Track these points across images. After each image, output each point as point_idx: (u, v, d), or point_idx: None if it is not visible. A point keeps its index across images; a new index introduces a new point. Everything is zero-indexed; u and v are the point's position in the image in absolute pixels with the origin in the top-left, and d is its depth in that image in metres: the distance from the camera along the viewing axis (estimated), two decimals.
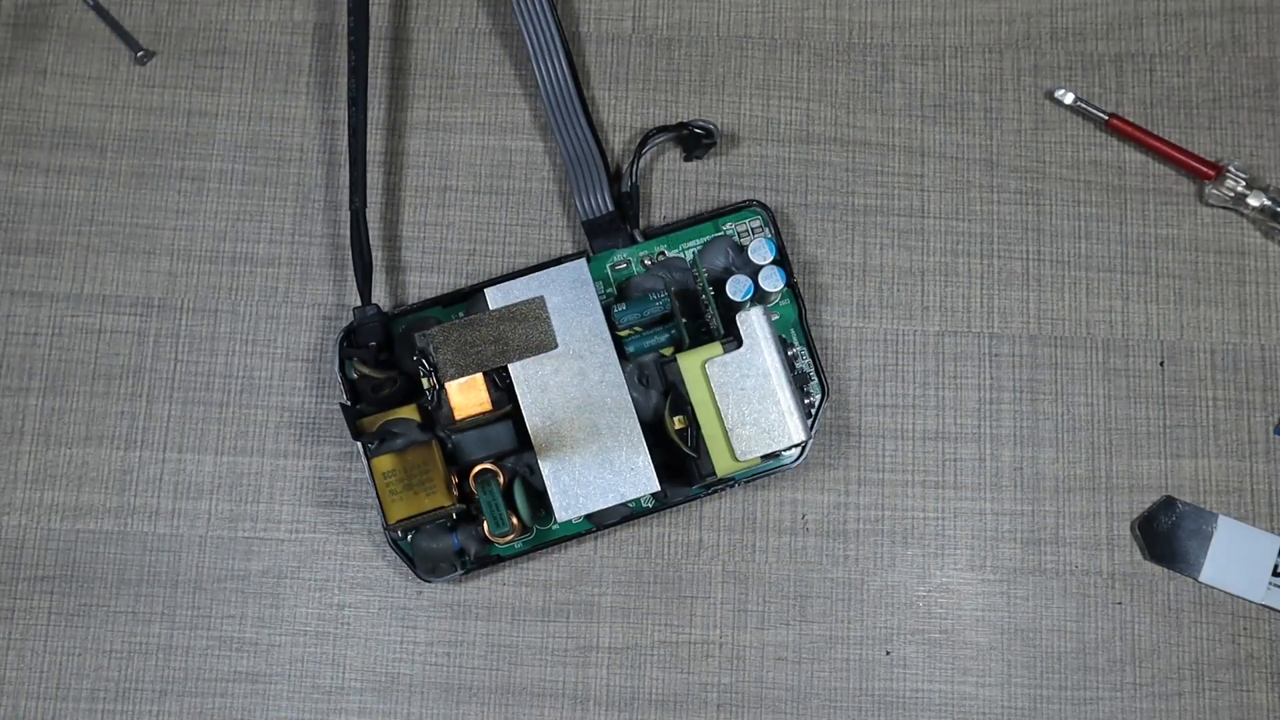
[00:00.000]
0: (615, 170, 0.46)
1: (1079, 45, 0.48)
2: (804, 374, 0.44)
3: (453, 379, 0.41)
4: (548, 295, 0.42)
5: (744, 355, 0.41)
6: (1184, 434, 0.45)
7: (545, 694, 0.43)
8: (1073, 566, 0.44)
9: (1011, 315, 0.46)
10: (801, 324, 0.44)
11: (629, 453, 0.41)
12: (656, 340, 0.42)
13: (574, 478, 0.41)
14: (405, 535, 0.43)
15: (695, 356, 0.41)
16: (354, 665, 0.44)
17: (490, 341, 0.41)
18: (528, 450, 0.42)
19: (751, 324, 0.41)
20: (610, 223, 0.45)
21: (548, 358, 0.41)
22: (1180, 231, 0.46)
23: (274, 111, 0.48)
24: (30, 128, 0.48)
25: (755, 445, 0.40)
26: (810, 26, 0.48)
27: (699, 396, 0.41)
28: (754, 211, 0.45)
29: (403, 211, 0.47)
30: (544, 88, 0.45)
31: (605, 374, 0.41)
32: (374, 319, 0.43)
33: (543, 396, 0.41)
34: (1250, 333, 0.46)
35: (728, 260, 0.44)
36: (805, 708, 0.43)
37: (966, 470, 0.45)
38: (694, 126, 0.45)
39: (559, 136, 0.45)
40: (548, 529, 0.43)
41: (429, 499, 0.41)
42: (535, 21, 0.45)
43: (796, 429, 0.41)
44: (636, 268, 0.45)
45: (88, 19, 0.48)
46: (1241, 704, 0.43)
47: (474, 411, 0.41)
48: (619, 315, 0.42)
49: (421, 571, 0.42)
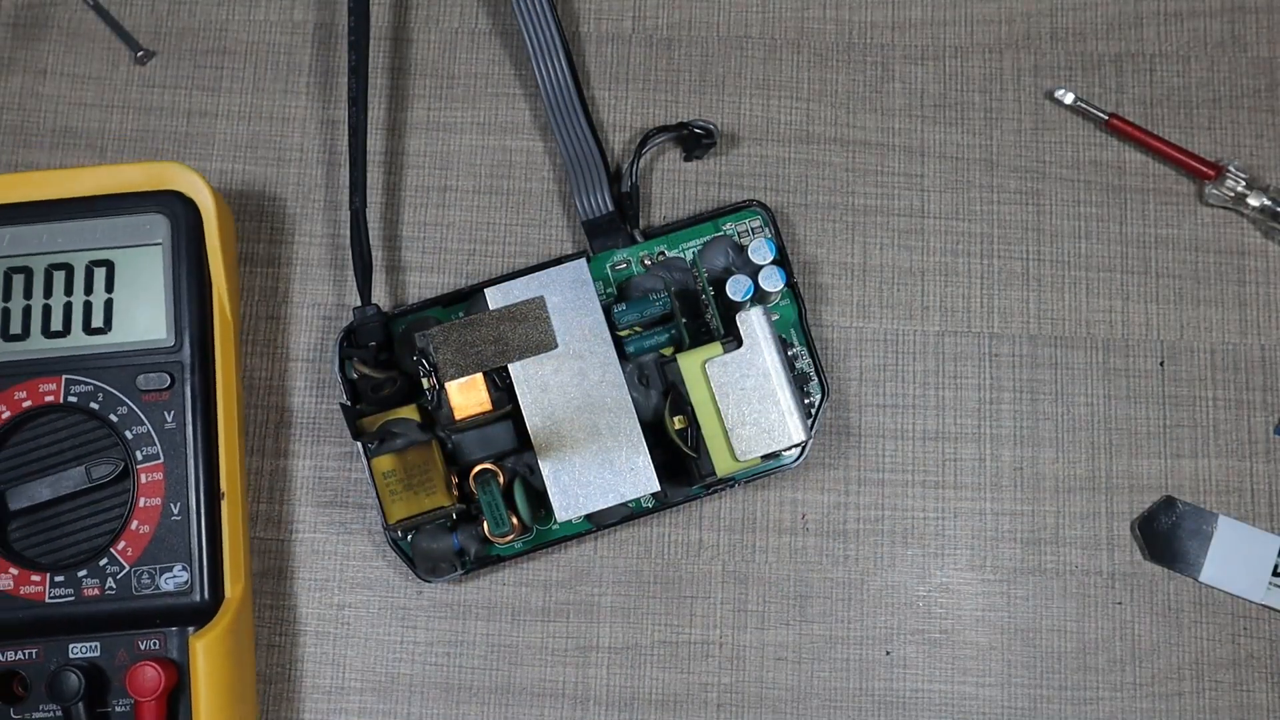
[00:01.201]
0: (615, 170, 0.46)
1: (1079, 45, 0.48)
2: (804, 374, 0.44)
3: (453, 379, 0.41)
4: (548, 295, 0.42)
5: (744, 355, 0.41)
6: (1184, 434, 0.45)
7: (545, 694, 0.43)
8: (1073, 566, 0.44)
9: (1011, 315, 0.46)
10: (801, 324, 0.44)
11: (629, 453, 0.41)
12: (656, 340, 0.42)
13: (574, 478, 0.41)
14: (405, 535, 0.43)
15: (695, 356, 0.41)
16: (354, 665, 0.44)
17: (490, 341, 0.41)
18: (528, 450, 0.42)
19: (751, 324, 0.41)
20: (610, 223, 0.45)
21: (548, 358, 0.41)
22: (1180, 231, 0.46)
23: (274, 111, 0.48)
24: (30, 128, 0.48)
25: (755, 445, 0.40)
26: (810, 26, 0.48)
27: (699, 396, 0.41)
28: (754, 211, 0.45)
29: (403, 211, 0.47)
30: (544, 88, 0.45)
31: (605, 374, 0.41)
32: (374, 319, 0.43)
33: (543, 396, 0.41)
34: (1250, 333, 0.46)
35: (728, 260, 0.44)
36: (805, 708, 0.43)
37: (966, 470, 0.45)
38: (694, 126, 0.45)
39: (559, 136, 0.45)
40: (548, 529, 0.43)
41: (429, 499, 0.41)
42: (535, 21, 0.45)
43: (796, 429, 0.41)
44: (636, 268, 0.45)
45: (88, 19, 0.48)
46: (1241, 704, 0.43)
47: (474, 411, 0.41)
48: (619, 315, 0.42)
49: (421, 571, 0.42)
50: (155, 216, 0.42)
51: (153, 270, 0.42)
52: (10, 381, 0.41)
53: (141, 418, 0.41)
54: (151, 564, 0.40)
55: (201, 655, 0.39)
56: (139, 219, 0.42)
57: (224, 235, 0.43)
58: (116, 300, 0.42)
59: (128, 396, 0.41)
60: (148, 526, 0.40)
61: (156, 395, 0.41)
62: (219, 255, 0.43)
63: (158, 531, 0.40)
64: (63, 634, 0.40)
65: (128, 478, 0.41)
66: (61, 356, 0.41)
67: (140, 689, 0.39)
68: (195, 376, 0.41)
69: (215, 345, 0.42)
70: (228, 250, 0.43)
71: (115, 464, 0.41)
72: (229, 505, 0.41)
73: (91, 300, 0.42)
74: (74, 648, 0.40)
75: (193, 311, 0.42)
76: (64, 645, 0.40)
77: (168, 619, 0.40)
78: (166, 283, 0.42)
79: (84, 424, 0.41)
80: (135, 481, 0.41)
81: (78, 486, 0.41)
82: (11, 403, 0.41)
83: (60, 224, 0.42)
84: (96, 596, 0.40)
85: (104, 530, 0.41)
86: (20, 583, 0.40)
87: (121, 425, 0.41)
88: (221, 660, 0.40)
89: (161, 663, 0.39)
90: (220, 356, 0.42)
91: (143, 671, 0.39)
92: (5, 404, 0.41)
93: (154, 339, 0.42)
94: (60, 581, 0.40)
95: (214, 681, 0.39)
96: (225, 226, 0.44)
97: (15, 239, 0.42)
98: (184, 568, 0.40)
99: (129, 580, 0.40)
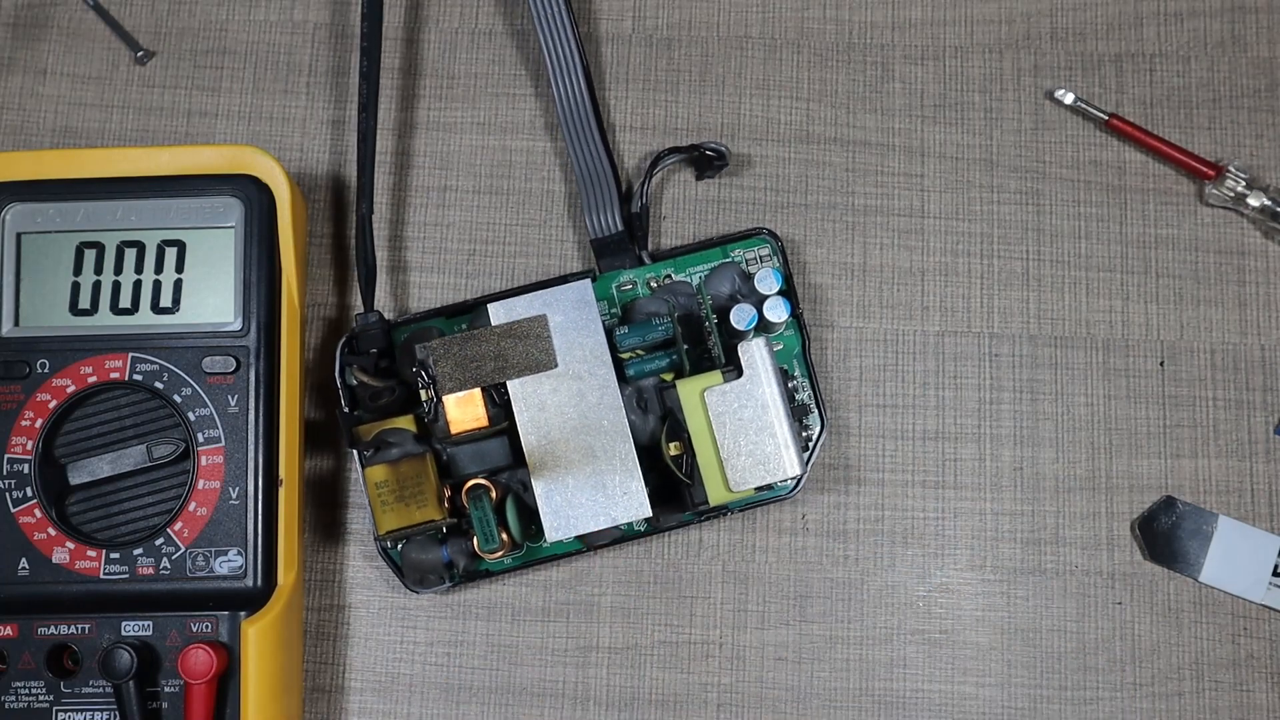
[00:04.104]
0: (627, 190, 0.46)
1: (1079, 45, 0.48)
2: (804, 406, 0.44)
3: (450, 393, 0.41)
4: (550, 314, 0.42)
5: (743, 385, 0.40)
6: (1184, 434, 0.45)
7: (545, 694, 0.43)
8: (1073, 566, 0.44)
9: (1011, 315, 0.46)
10: (805, 355, 0.44)
11: (623, 476, 0.41)
12: (657, 364, 0.42)
13: (566, 498, 0.41)
14: (395, 545, 0.43)
15: (694, 384, 0.41)
16: (354, 665, 0.44)
17: (490, 357, 0.41)
18: (522, 467, 0.42)
19: (753, 354, 0.41)
20: (619, 243, 0.44)
21: (547, 377, 0.41)
22: (1180, 231, 0.46)
23: (274, 111, 0.48)
24: (30, 128, 0.48)
25: (750, 476, 0.40)
26: (810, 26, 0.48)
27: (696, 424, 0.40)
28: (763, 239, 0.45)
29: (403, 211, 0.47)
30: (560, 104, 0.45)
31: (604, 396, 0.41)
32: (376, 326, 0.43)
33: (540, 415, 0.41)
34: (1250, 333, 0.46)
35: (733, 287, 0.44)
36: (805, 708, 0.43)
37: (966, 470, 0.45)
38: (706, 148, 0.45)
39: (573, 154, 0.45)
40: (538, 547, 0.43)
41: (420, 511, 0.41)
42: (555, 37, 0.45)
43: (792, 463, 0.40)
44: (642, 289, 0.44)
45: (88, 19, 0.48)
46: (1241, 704, 0.43)
47: (470, 426, 0.41)
48: (621, 338, 0.42)
49: (410, 582, 0.42)
50: (230, 199, 0.42)
51: (224, 253, 0.42)
52: (77, 356, 0.41)
53: (205, 400, 0.41)
54: (207, 547, 0.40)
55: (253, 641, 0.40)
56: (213, 201, 0.42)
57: (296, 223, 0.43)
58: (186, 281, 0.42)
59: (192, 378, 0.41)
60: (205, 509, 0.41)
61: (221, 378, 0.41)
62: (290, 242, 0.43)
63: (215, 515, 0.41)
64: (115, 611, 0.40)
65: (188, 459, 0.41)
66: (129, 334, 0.42)
67: (192, 671, 0.39)
68: (261, 362, 0.41)
69: (281, 332, 0.42)
70: (299, 238, 0.44)
71: (176, 444, 0.41)
72: (286, 493, 0.41)
73: (161, 280, 0.42)
74: (126, 625, 0.40)
75: (261, 297, 0.42)
76: (116, 622, 0.40)
77: (220, 603, 0.40)
78: (237, 266, 0.42)
79: (147, 403, 0.41)
80: (195, 463, 0.41)
81: (138, 465, 0.41)
82: (77, 377, 0.41)
83: (134, 201, 0.42)
84: (151, 575, 0.40)
85: (162, 510, 0.41)
86: (76, 557, 0.40)
87: (185, 406, 0.41)
88: (272, 647, 0.40)
89: (213, 646, 0.39)
90: (285, 344, 0.42)
91: (195, 654, 0.39)
92: (71, 378, 0.41)
93: (222, 322, 0.42)
94: (116, 559, 0.40)
95: (264, 668, 0.40)
96: (298, 214, 0.44)
97: (89, 214, 0.42)
98: (239, 552, 0.40)
99: (184, 561, 0.40)
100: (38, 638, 0.40)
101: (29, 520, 0.40)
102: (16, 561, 0.40)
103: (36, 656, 0.40)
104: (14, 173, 0.42)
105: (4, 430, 0.41)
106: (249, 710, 0.39)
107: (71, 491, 0.41)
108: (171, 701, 0.40)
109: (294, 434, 0.42)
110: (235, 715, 0.40)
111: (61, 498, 0.41)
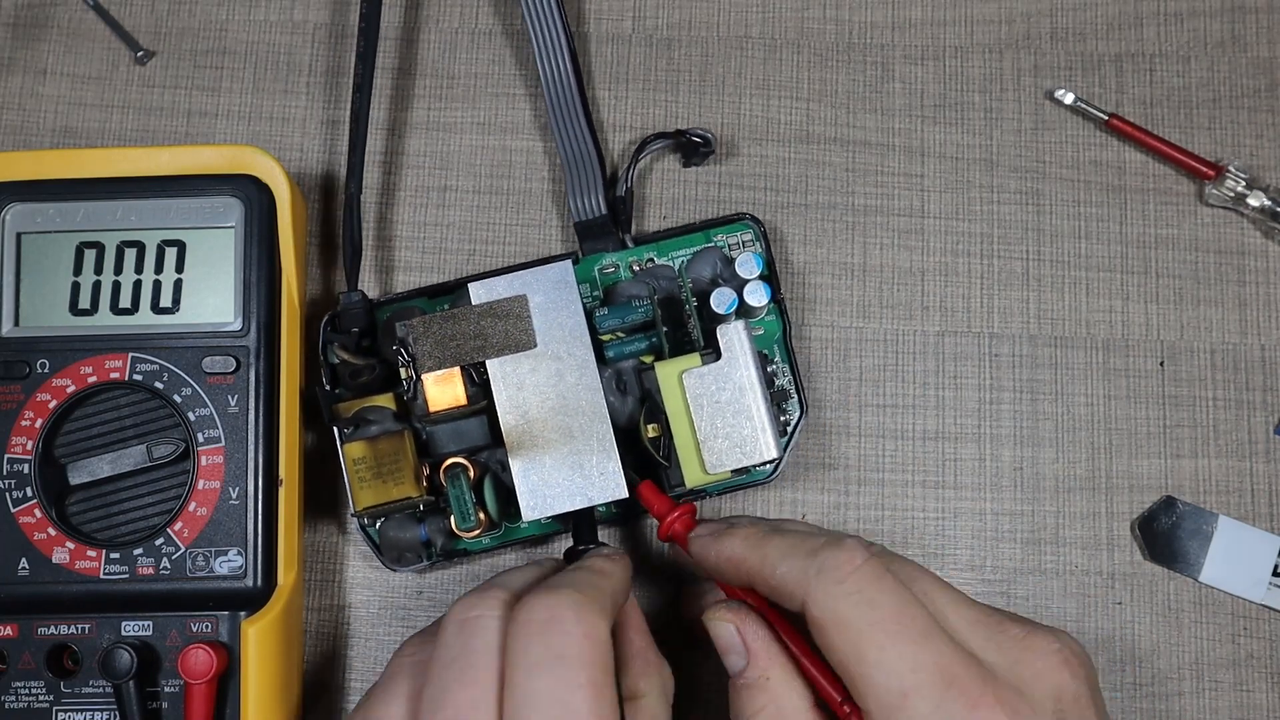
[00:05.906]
0: (612, 174, 0.46)
1: (1079, 45, 0.48)
2: (783, 391, 0.44)
3: (430, 371, 0.41)
4: (531, 294, 0.42)
5: (721, 368, 0.40)
6: (1184, 434, 0.45)
7: None
8: (1073, 566, 0.44)
9: (1011, 315, 0.46)
10: (785, 340, 0.44)
11: (600, 458, 0.41)
12: (637, 347, 0.42)
13: (543, 478, 0.41)
14: (374, 523, 0.43)
15: (673, 366, 0.41)
16: (354, 665, 0.44)
17: (470, 336, 0.41)
18: (500, 447, 0.42)
19: (731, 338, 0.40)
20: (602, 226, 0.45)
21: (526, 357, 0.41)
22: (1180, 231, 0.46)
23: (274, 111, 0.48)
24: (30, 128, 0.48)
25: (726, 459, 0.40)
26: (810, 26, 0.48)
27: (674, 406, 0.40)
28: (746, 224, 0.45)
29: (402, 211, 0.47)
30: (546, 85, 0.45)
31: (582, 377, 0.41)
32: (358, 305, 0.43)
33: (518, 395, 0.41)
34: (1250, 333, 0.46)
35: (715, 271, 0.44)
36: None
37: (966, 470, 0.45)
38: (692, 135, 0.45)
39: (558, 136, 0.45)
40: (516, 527, 0.43)
41: (397, 489, 0.41)
42: (541, 17, 0.45)
43: (769, 446, 0.40)
44: (625, 272, 0.44)
45: (88, 19, 0.48)
46: (1241, 704, 0.43)
47: (448, 405, 0.41)
48: (600, 320, 0.42)
49: (387, 560, 0.42)
50: (230, 199, 0.42)
51: (224, 253, 0.42)
52: (76, 356, 0.41)
53: (205, 400, 0.41)
54: (207, 547, 0.40)
55: (253, 641, 0.40)
56: (213, 201, 0.42)
57: (296, 223, 0.43)
58: (186, 281, 0.42)
59: (192, 378, 0.41)
60: (205, 509, 0.41)
61: (221, 378, 0.41)
62: (290, 242, 0.43)
63: (215, 515, 0.41)
64: (115, 611, 0.40)
65: (188, 459, 0.41)
66: (128, 334, 0.42)
67: (192, 671, 0.39)
68: (261, 362, 0.41)
69: (281, 332, 0.42)
70: (299, 238, 0.44)
71: (176, 444, 0.41)
72: (286, 493, 0.41)
73: (161, 280, 0.42)
74: (126, 625, 0.40)
75: (261, 297, 0.42)
76: (116, 622, 0.40)
77: (220, 603, 0.40)
78: (237, 266, 0.42)
79: (147, 403, 0.41)
80: (195, 463, 0.41)
81: (138, 465, 0.41)
82: (77, 377, 0.41)
83: (134, 201, 0.42)
84: (151, 575, 0.40)
85: (162, 510, 0.41)
86: (76, 557, 0.40)
87: (185, 406, 0.41)
88: (272, 647, 0.40)
89: (213, 646, 0.39)
90: (285, 344, 0.42)
91: (195, 654, 0.39)
92: (70, 378, 0.41)
93: (221, 322, 0.42)
94: (115, 559, 0.40)
95: (264, 668, 0.40)
96: (298, 214, 0.44)
97: (89, 214, 0.42)
98: (239, 552, 0.40)
99: (184, 561, 0.40)
100: (38, 638, 0.40)
101: (29, 520, 0.40)
102: (16, 561, 0.40)
103: (36, 656, 0.40)
104: (14, 173, 0.42)
105: (4, 430, 0.41)
106: (249, 710, 0.39)
107: (71, 491, 0.41)
108: (171, 701, 0.40)
109: (294, 434, 0.42)
110: (235, 715, 0.40)
111: (61, 498, 0.41)
